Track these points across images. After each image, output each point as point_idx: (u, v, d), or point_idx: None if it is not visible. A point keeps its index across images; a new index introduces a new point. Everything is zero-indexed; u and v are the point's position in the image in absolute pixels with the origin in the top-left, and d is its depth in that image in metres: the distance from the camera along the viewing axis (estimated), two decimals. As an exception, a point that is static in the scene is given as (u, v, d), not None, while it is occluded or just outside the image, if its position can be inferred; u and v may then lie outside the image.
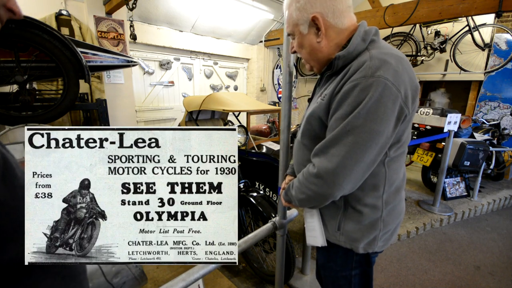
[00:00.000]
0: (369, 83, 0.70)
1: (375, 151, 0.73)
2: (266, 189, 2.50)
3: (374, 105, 0.69)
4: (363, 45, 0.79)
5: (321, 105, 0.82)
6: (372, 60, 0.73)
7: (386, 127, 0.72)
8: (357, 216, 0.86)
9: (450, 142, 2.90)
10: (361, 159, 0.73)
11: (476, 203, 3.29)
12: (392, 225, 0.90)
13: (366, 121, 0.70)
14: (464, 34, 4.15)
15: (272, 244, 1.94)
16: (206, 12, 4.21)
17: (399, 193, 0.90)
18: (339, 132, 0.74)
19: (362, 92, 0.70)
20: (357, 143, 0.71)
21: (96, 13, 3.20)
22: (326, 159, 0.76)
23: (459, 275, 2.16)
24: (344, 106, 0.74)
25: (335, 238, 0.92)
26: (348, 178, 0.74)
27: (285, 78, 1.14)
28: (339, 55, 0.80)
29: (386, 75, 0.70)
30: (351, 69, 0.75)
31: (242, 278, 2.04)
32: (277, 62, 6.00)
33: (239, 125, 2.17)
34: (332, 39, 0.83)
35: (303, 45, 0.88)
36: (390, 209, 0.88)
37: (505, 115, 4.21)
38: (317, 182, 0.78)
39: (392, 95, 0.70)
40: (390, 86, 0.70)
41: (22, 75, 2.08)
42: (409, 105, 0.75)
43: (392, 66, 0.71)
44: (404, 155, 0.89)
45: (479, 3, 2.91)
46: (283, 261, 1.40)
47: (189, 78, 4.83)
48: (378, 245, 0.89)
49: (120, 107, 3.59)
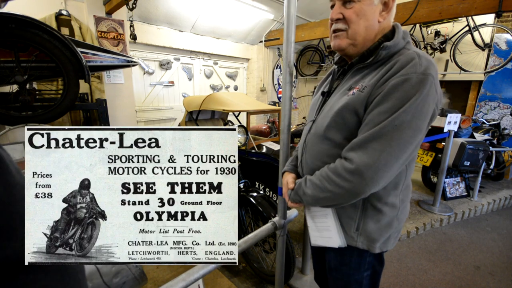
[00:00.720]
0: (420, 79, 0.70)
1: (414, 147, 0.74)
2: (266, 189, 2.50)
3: (422, 102, 0.70)
4: (402, 43, 0.79)
5: (359, 97, 0.77)
6: (421, 58, 0.73)
7: (426, 125, 0.73)
8: (376, 215, 0.84)
9: (450, 142, 2.90)
10: (402, 156, 0.72)
11: (476, 203, 3.29)
12: (402, 223, 0.91)
13: (414, 117, 0.70)
14: (464, 34, 4.15)
15: (272, 244, 1.94)
16: (206, 12, 4.21)
17: (410, 192, 0.92)
18: (385, 126, 0.70)
19: (413, 88, 0.70)
20: (403, 139, 0.70)
21: (96, 13, 3.20)
22: (366, 154, 0.72)
23: (459, 275, 2.16)
24: (391, 99, 0.71)
25: (353, 239, 0.88)
26: (387, 175, 0.73)
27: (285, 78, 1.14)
28: (386, 44, 0.77)
29: (434, 75, 0.72)
30: (398, 64, 0.73)
31: (242, 278, 2.04)
32: (277, 62, 6.00)
33: (239, 125, 2.17)
34: (386, 26, 0.83)
35: (366, 15, 0.78)
36: (403, 208, 0.88)
37: (505, 115, 4.21)
38: (353, 179, 0.73)
39: (434, 95, 0.72)
40: (434, 86, 0.72)
41: (22, 75, 2.08)
42: (439, 107, 0.77)
43: (435, 67, 0.74)
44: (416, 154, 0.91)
45: (479, 3, 2.91)
46: (283, 261, 1.40)
47: (189, 78, 4.83)
48: (391, 243, 0.89)
49: (120, 107, 3.59)
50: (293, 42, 1.08)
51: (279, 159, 1.23)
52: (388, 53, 0.77)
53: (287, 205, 1.30)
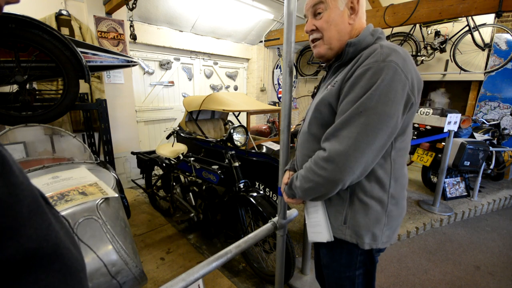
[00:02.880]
0: (381, 66, 0.73)
1: (386, 134, 0.75)
2: (266, 189, 2.50)
3: (386, 87, 0.72)
4: (371, 39, 0.83)
5: (331, 91, 0.83)
6: (383, 48, 0.76)
7: (396, 111, 0.74)
8: (363, 209, 0.86)
9: (450, 142, 2.90)
10: (373, 142, 0.73)
11: (476, 203, 3.29)
12: (395, 222, 0.90)
13: (378, 103, 0.72)
14: (464, 34, 4.15)
15: (272, 244, 1.94)
16: (206, 12, 4.21)
17: (403, 189, 0.91)
18: (351, 113, 0.75)
19: (374, 75, 0.73)
20: (369, 124, 0.72)
21: (96, 13, 3.20)
22: (337, 141, 0.76)
23: (459, 275, 2.16)
24: (356, 89, 0.75)
25: (341, 232, 0.90)
26: (360, 161, 0.74)
27: (285, 78, 1.14)
28: (350, 41, 0.83)
29: (396, 61, 0.73)
30: (363, 56, 0.78)
31: (242, 278, 2.04)
32: (277, 62, 6.00)
33: (239, 125, 2.16)
34: (357, 27, 0.87)
35: (335, 22, 0.86)
36: (395, 204, 0.88)
37: (505, 115, 4.21)
38: (328, 166, 0.77)
39: (401, 80, 0.73)
40: (400, 72, 0.73)
41: (22, 75, 2.08)
42: (415, 94, 0.77)
43: (400, 55, 0.75)
44: (407, 153, 0.90)
45: (479, 3, 2.91)
46: (283, 261, 1.40)
47: (189, 78, 4.83)
48: (381, 241, 0.89)
49: (120, 107, 3.59)
50: (293, 42, 1.08)
51: (279, 159, 1.23)
52: (356, 49, 0.83)
53: (287, 205, 1.30)
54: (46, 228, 0.34)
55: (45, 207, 0.35)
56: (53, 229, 0.35)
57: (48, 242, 0.33)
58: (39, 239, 0.32)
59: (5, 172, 0.30)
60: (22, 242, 0.30)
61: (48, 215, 0.35)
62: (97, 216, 1.21)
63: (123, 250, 1.16)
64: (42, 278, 0.32)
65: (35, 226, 0.32)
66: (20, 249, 0.29)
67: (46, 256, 0.33)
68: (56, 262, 0.34)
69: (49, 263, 0.33)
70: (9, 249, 0.28)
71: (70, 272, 0.36)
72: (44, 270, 0.32)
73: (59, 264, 0.35)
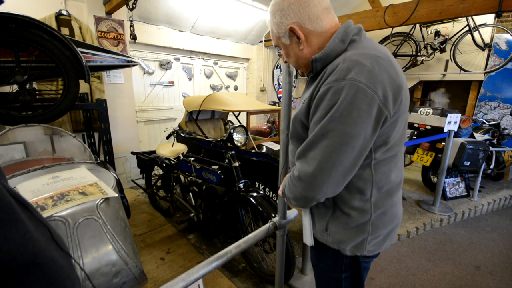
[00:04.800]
0: (340, 86, 0.69)
1: (353, 154, 0.72)
2: (266, 189, 2.50)
3: (346, 108, 0.69)
4: (341, 46, 0.78)
5: (302, 109, 0.84)
6: (345, 62, 0.72)
7: (362, 130, 0.70)
8: (344, 218, 0.86)
9: (450, 142, 2.90)
10: (338, 163, 0.72)
11: (476, 203, 3.29)
12: (383, 230, 0.88)
13: (340, 124, 0.70)
14: (464, 34, 4.15)
15: (272, 244, 1.94)
16: (206, 12, 4.21)
17: (391, 197, 0.88)
18: (315, 136, 0.75)
19: (334, 95, 0.70)
20: (332, 146, 0.71)
21: (96, 13, 3.20)
22: (305, 162, 0.77)
23: (459, 275, 2.16)
24: (319, 110, 0.75)
25: (323, 238, 0.93)
26: (327, 181, 0.74)
27: (285, 78, 1.14)
28: (315, 57, 0.80)
29: (358, 77, 0.68)
30: (326, 73, 0.76)
31: (242, 278, 2.04)
32: (277, 62, 6.00)
33: (239, 125, 2.16)
34: (314, 44, 0.84)
35: (289, 55, 0.91)
36: (381, 213, 0.86)
37: (505, 115, 4.21)
38: (299, 185, 0.80)
39: (366, 97, 0.68)
40: (364, 88, 0.68)
41: (22, 75, 2.08)
42: (389, 106, 0.72)
43: (365, 67, 0.69)
44: (395, 158, 0.86)
45: (479, 3, 2.91)
46: (283, 261, 1.40)
47: (189, 78, 4.83)
48: (367, 249, 0.88)
49: (120, 107, 3.59)
50: (293, 42, 1.08)
51: (279, 159, 1.23)
52: (324, 62, 0.80)
53: (287, 205, 1.30)
54: (20, 237, 0.31)
55: (21, 214, 0.33)
56: (30, 237, 0.33)
57: (23, 252, 0.31)
58: (12, 250, 0.30)
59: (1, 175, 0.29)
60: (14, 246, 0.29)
61: (24, 222, 0.33)
62: (97, 216, 1.21)
63: (123, 250, 1.16)
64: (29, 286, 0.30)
65: (5, 236, 0.30)
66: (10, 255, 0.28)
67: (22, 267, 0.30)
68: (34, 273, 0.32)
69: (26, 274, 0.31)
70: None
71: (51, 282, 0.34)
72: (20, 282, 0.30)
73: (38, 275, 0.32)
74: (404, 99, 0.77)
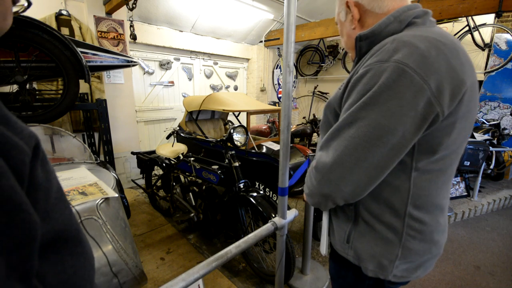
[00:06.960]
0: (382, 69, 0.57)
1: (383, 151, 0.58)
2: (266, 189, 2.50)
3: (384, 94, 0.56)
4: (396, 26, 0.64)
5: (336, 95, 0.72)
6: (394, 42, 0.59)
7: (401, 124, 0.56)
8: (369, 233, 0.72)
9: (450, 142, 2.90)
10: (363, 158, 0.59)
11: (476, 203, 3.29)
12: (417, 257, 0.71)
13: (372, 112, 0.57)
14: (464, 34, 4.15)
15: (272, 244, 1.94)
16: (206, 12, 4.21)
17: (432, 221, 0.71)
18: (341, 123, 0.63)
19: (371, 79, 0.58)
20: (358, 137, 0.59)
21: (96, 13, 3.20)
22: (325, 152, 0.66)
23: (459, 275, 2.16)
24: (352, 95, 0.62)
25: (343, 250, 0.79)
26: (347, 178, 0.62)
27: (285, 78, 1.14)
28: (360, 35, 0.67)
29: (405, 60, 0.55)
30: (369, 53, 0.64)
31: (242, 278, 2.04)
32: (277, 62, 6.00)
33: (239, 125, 2.16)
34: (368, 26, 0.72)
35: (342, 33, 0.82)
36: (417, 237, 0.70)
37: (505, 115, 4.21)
38: (315, 177, 0.68)
39: (413, 85, 0.54)
40: (411, 73, 0.54)
41: (22, 75, 2.08)
42: (444, 103, 0.56)
43: (418, 49, 0.56)
44: (444, 175, 0.69)
45: (479, 3, 2.91)
46: (283, 261, 1.40)
47: (189, 78, 4.83)
48: (393, 274, 0.72)
49: (120, 107, 3.59)
50: (293, 42, 1.08)
51: (279, 159, 1.23)
52: (372, 42, 0.67)
53: (287, 205, 1.30)
54: (69, 214, 0.36)
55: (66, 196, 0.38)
56: (74, 216, 0.38)
57: (71, 226, 0.36)
58: (65, 222, 0.35)
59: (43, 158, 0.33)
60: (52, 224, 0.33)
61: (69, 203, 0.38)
62: (97, 216, 1.21)
63: (123, 250, 1.16)
64: (67, 259, 0.34)
65: (60, 211, 0.34)
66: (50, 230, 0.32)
67: (70, 238, 0.35)
68: (78, 245, 0.37)
69: (73, 245, 0.36)
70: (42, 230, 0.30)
71: (88, 258, 0.38)
72: (70, 251, 0.35)
73: (81, 248, 0.37)
74: (467, 100, 0.60)
